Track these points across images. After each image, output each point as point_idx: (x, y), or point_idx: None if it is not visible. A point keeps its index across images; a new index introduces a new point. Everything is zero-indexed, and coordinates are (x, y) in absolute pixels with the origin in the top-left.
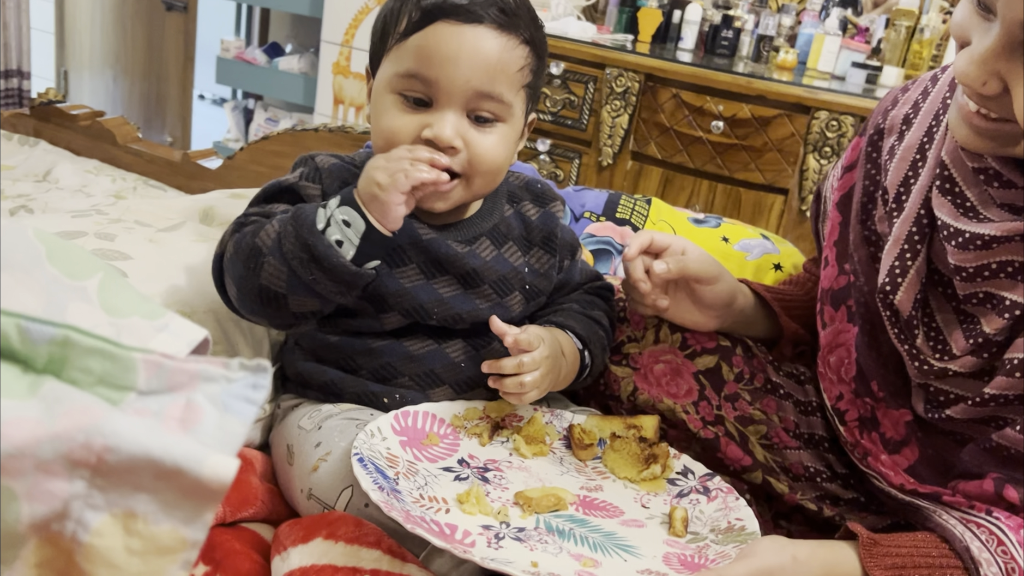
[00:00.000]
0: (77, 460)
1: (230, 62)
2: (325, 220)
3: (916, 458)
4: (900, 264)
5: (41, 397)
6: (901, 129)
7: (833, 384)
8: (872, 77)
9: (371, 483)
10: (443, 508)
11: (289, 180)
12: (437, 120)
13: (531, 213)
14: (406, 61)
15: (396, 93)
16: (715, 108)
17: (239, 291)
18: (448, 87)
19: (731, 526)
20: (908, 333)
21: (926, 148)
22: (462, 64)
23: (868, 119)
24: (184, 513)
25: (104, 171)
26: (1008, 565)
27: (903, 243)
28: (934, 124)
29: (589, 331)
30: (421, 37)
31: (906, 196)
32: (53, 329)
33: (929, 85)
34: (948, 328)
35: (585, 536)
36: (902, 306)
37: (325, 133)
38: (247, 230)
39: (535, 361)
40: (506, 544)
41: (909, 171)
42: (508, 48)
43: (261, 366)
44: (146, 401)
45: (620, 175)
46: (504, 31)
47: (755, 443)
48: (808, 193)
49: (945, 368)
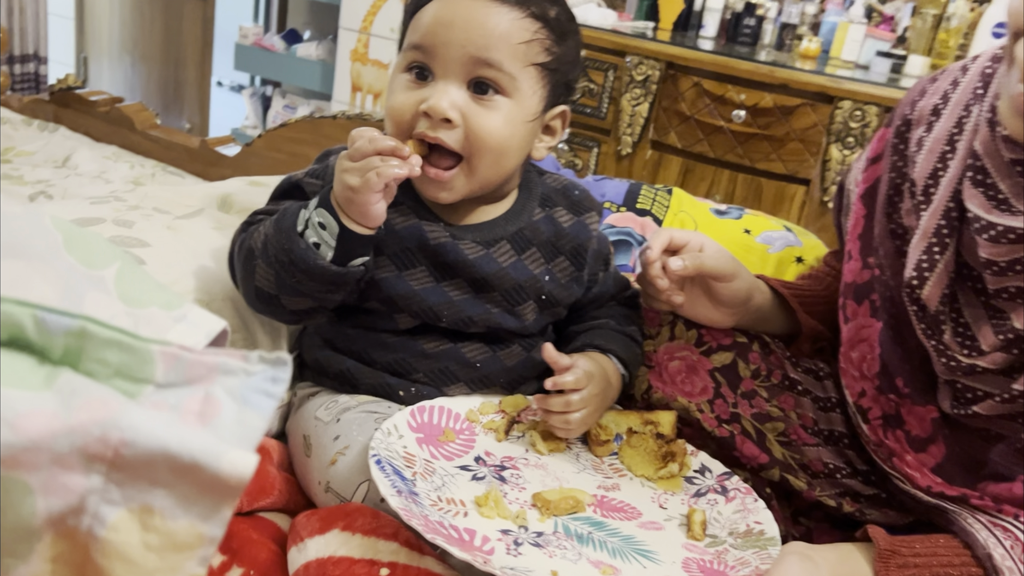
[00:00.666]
0: (93, 454)
1: (248, 49)
2: (304, 222)
3: (943, 456)
4: (928, 258)
5: (57, 389)
6: (930, 120)
7: (855, 380)
8: (897, 66)
9: (390, 487)
10: (461, 511)
11: (297, 176)
12: (434, 91)
13: (564, 220)
14: (410, 36)
15: (404, 71)
16: (737, 97)
17: (242, 291)
18: (444, 54)
19: (750, 530)
20: (935, 328)
21: (956, 140)
22: (457, 29)
23: (894, 110)
24: (202, 509)
25: (123, 157)
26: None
27: (931, 236)
28: (964, 115)
29: (629, 352)
30: (423, 11)
31: (934, 188)
32: (69, 320)
33: (959, 75)
34: (977, 323)
35: (604, 541)
36: (929, 301)
37: (343, 121)
38: (250, 230)
39: (583, 400)
40: (525, 550)
41: (938, 163)
42: (509, 18)
43: (281, 359)
44: (164, 394)
45: (639, 164)
46: (506, 2)
47: (772, 440)
48: (831, 184)
49: (973, 364)
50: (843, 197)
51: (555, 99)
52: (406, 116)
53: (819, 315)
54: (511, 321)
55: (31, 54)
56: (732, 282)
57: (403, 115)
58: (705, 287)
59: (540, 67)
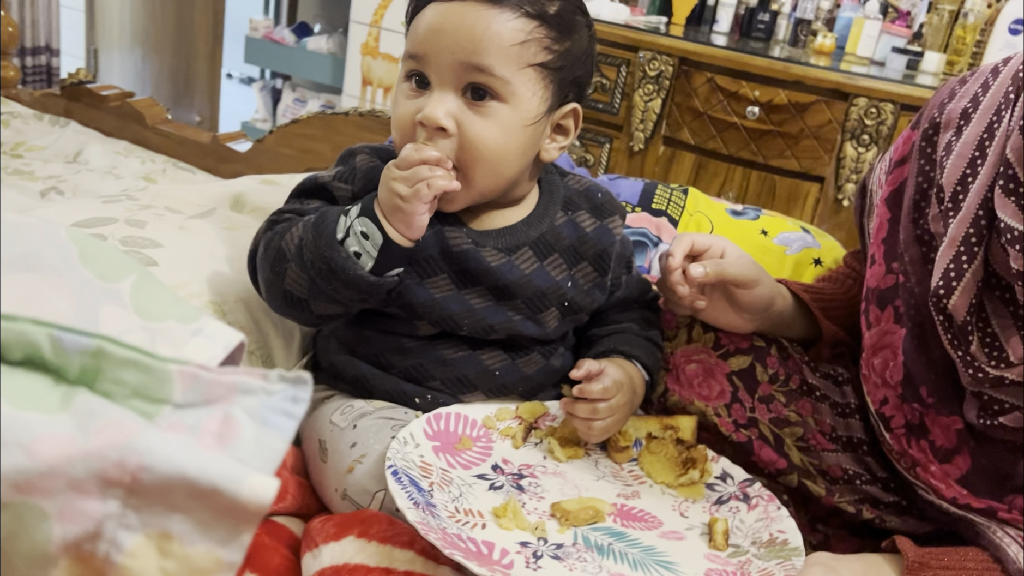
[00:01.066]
0: (111, 479)
1: (259, 42)
2: (344, 230)
3: (969, 467)
4: (956, 266)
5: (73, 411)
6: (959, 124)
7: (877, 387)
8: (913, 63)
9: (407, 500)
10: (479, 523)
11: (324, 177)
12: (429, 101)
13: (587, 224)
14: (408, 44)
15: (404, 80)
16: (751, 93)
17: (266, 292)
18: (437, 61)
19: (773, 539)
20: (962, 339)
21: (986, 145)
22: (447, 35)
23: (921, 111)
24: (221, 534)
25: (134, 152)
26: None
27: (959, 244)
28: (995, 120)
29: (652, 359)
30: (418, 19)
31: (963, 195)
32: (86, 339)
33: (990, 78)
34: (1005, 334)
35: (624, 552)
36: (956, 311)
37: (355, 117)
38: (278, 229)
39: (610, 408)
40: (544, 563)
41: (967, 168)
42: (499, 20)
43: (300, 378)
44: (182, 415)
45: (652, 160)
46: (495, 4)
47: (791, 445)
48: (845, 182)
49: (1001, 376)
50: (866, 198)
51: (563, 98)
52: (407, 126)
53: (839, 319)
54: (533, 328)
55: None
56: (754, 289)
57: (404, 125)
58: (727, 292)
59: (540, 67)
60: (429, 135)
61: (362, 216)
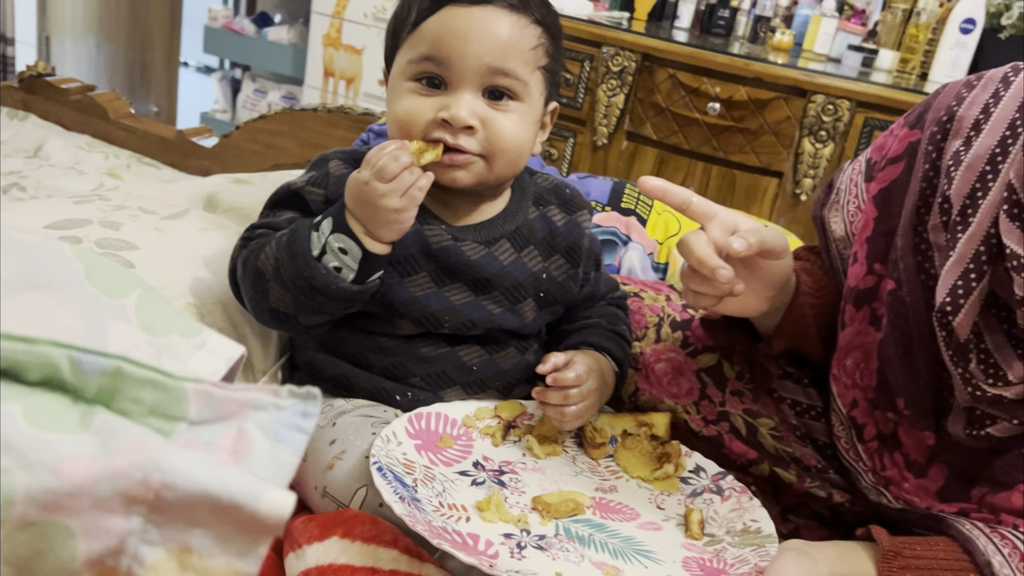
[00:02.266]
0: (135, 497)
1: (218, 31)
2: (319, 247)
3: (945, 478)
4: (964, 284)
5: (94, 431)
6: (968, 134)
7: (848, 388)
8: (868, 60)
9: (392, 494)
10: (463, 516)
11: (296, 184)
12: (453, 101)
13: (557, 218)
14: (419, 47)
15: (411, 79)
16: (712, 90)
17: (253, 310)
18: (461, 66)
19: (747, 528)
20: (962, 356)
21: (998, 161)
22: (473, 41)
23: (923, 113)
24: (238, 547)
25: (96, 147)
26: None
27: (968, 262)
28: (1009, 135)
29: (622, 351)
30: (431, 21)
31: (972, 211)
32: (105, 360)
33: (1001, 88)
34: (1001, 353)
35: (605, 542)
36: (961, 328)
37: (324, 113)
38: (252, 247)
39: (582, 394)
40: (528, 553)
41: (976, 183)
42: (519, 26)
43: (310, 393)
44: (197, 431)
45: (615, 155)
46: (514, 10)
47: (765, 434)
48: (803, 177)
49: (1000, 395)
50: (831, 194)
51: (550, 97)
52: (421, 123)
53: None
54: (512, 320)
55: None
56: (783, 258)
57: (418, 122)
58: (747, 270)
59: (543, 69)
60: (454, 132)
61: (336, 232)
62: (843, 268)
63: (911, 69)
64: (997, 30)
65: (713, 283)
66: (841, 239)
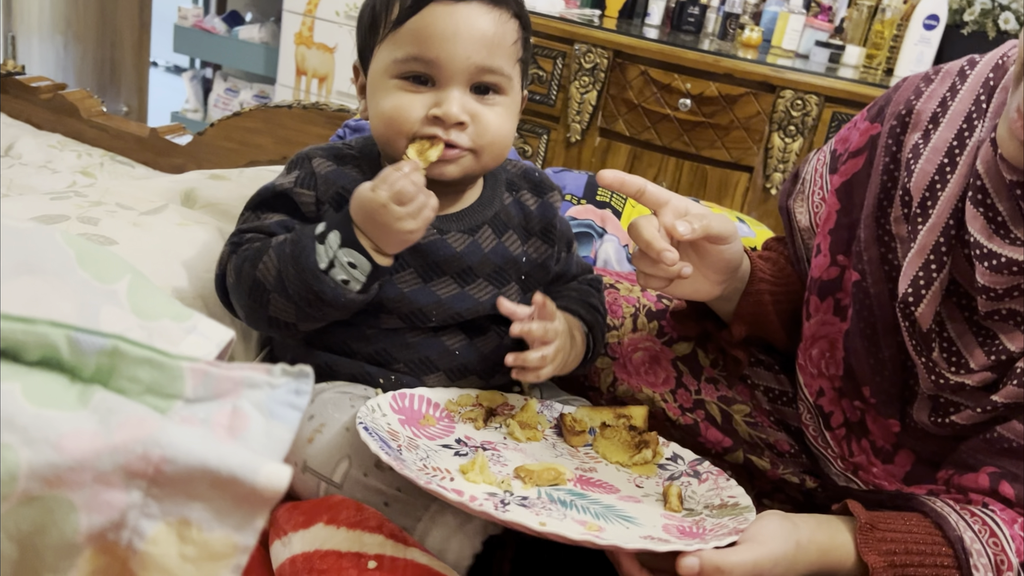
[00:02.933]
0: (135, 471)
1: (188, 30)
2: (327, 260)
3: (912, 463)
4: (925, 275)
5: (93, 408)
6: (927, 127)
7: (813, 378)
8: (835, 56)
9: (378, 446)
10: (448, 477)
11: (283, 185)
12: (444, 98)
13: (530, 202)
14: (404, 46)
15: (397, 77)
16: (683, 86)
17: (248, 319)
18: (449, 64)
19: (724, 503)
20: (925, 345)
21: (956, 153)
22: (461, 40)
23: (883, 107)
24: (236, 520)
25: (68, 146)
26: (998, 557)
27: (929, 253)
28: (966, 128)
29: (592, 317)
30: (416, 20)
31: (932, 203)
32: (102, 340)
33: (957, 81)
34: (962, 340)
35: (586, 507)
36: (923, 319)
37: (299, 110)
38: (245, 254)
39: (555, 331)
40: (512, 510)
41: (935, 175)
42: (501, 22)
43: (303, 372)
44: (193, 409)
45: (588, 151)
46: (496, 6)
47: (739, 421)
48: (773, 171)
49: (962, 383)
50: (796, 184)
51: (524, 85)
52: (412, 119)
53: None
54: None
55: None
56: (731, 244)
57: (408, 118)
58: (697, 254)
59: (520, 61)
60: (446, 129)
61: (346, 247)
62: (808, 258)
63: (877, 65)
64: (960, 26)
65: (660, 265)
66: (806, 229)
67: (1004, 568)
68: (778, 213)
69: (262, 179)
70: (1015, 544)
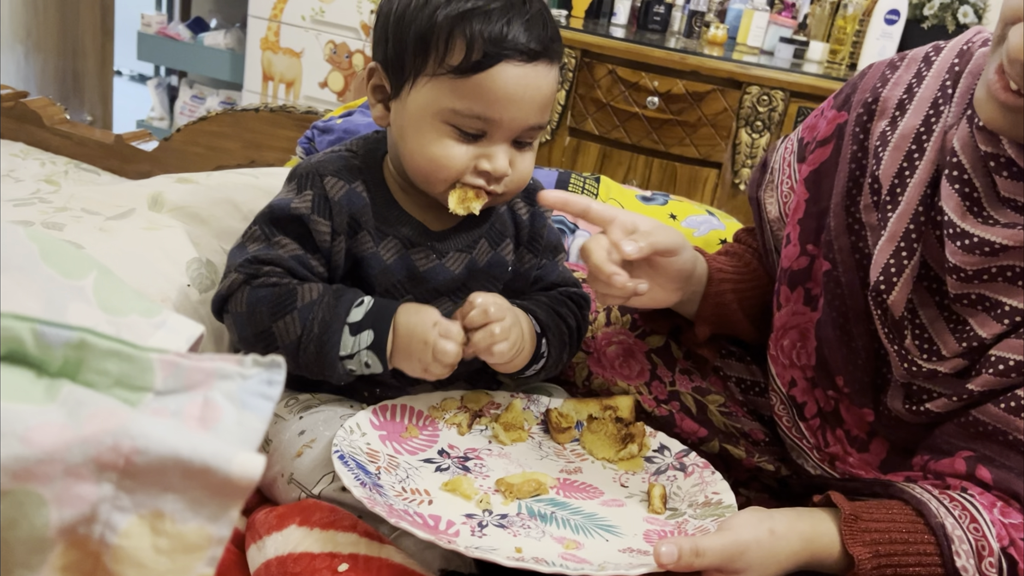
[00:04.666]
0: (105, 463)
1: (152, 38)
2: (350, 351)
3: (887, 451)
4: (896, 262)
5: (61, 402)
6: (894, 115)
7: (785, 368)
8: (800, 52)
9: (353, 479)
10: (425, 500)
11: (299, 209)
12: (493, 153)
13: (522, 212)
14: (467, 100)
15: (451, 125)
16: (650, 84)
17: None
18: (509, 125)
19: (708, 500)
20: (897, 333)
21: (923, 139)
22: (525, 104)
23: (850, 95)
24: (210, 511)
25: (32, 154)
26: (979, 543)
27: (899, 240)
28: (932, 114)
29: (551, 322)
30: (486, 78)
31: (901, 189)
32: (68, 332)
33: (923, 68)
34: (934, 327)
35: (567, 519)
36: (895, 306)
37: (266, 113)
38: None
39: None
40: (489, 531)
41: (904, 162)
42: (554, 77)
43: (275, 362)
44: (164, 401)
45: (559, 151)
46: (554, 61)
47: (714, 411)
48: (741, 167)
49: (934, 370)
50: (765, 174)
51: None
52: (458, 168)
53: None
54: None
55: None
56: (680, 254)
57: (455, 167)
58: (650, 267)
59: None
60: (489, 181)
61: (371, 350)
62: (777, 249)
63: (840, 59)
64: (920, 20)
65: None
66: (776, 220)
67: (985, 553)
68: (747, 208)
69: (230, 182)
70: (995, 529)
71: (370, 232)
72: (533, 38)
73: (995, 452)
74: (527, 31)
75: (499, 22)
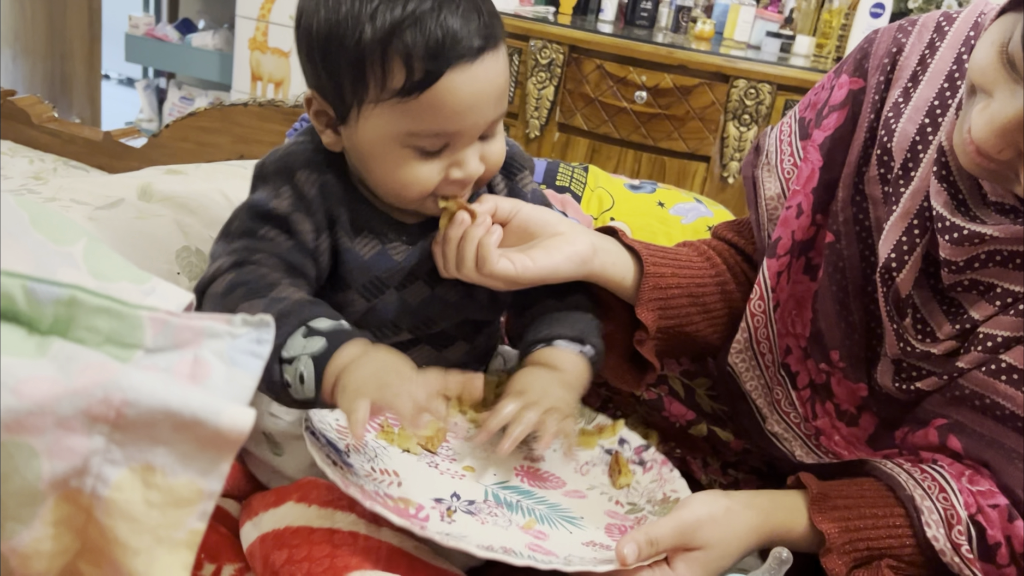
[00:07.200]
0: (96, 415)
1: (140, 39)
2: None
3: (875, 426)
4: (908, 240)
5: (52, 357)
6: (906, 85)
7: (780, 336)
8: (786, 46)
9: (324, 458)
10: (395, 481)
11: (279, 208)
12: (463, 159)
13: (500, 186)
14: (424, 121)
15: (411, 147)
16: (638, 78)
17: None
18: (471, 131)
19: (666, 497)
20: (900, 312)
21: (938, 114)
22: (482, 106)
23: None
24: (201, 464)
25: (20, 152)
26: (948, 512)
27: (912, 218)
28: (948, 87)
29: (577, 327)
30: (435, 94)
31: (914, 165)
32: (59, 289)
33: (935, 37)
34: (927, 309)
35: (532, 508)
36: (903, 285)
37: (255, 108)
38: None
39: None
40: (458, 518)
41: (917, 136)
42: (504, 62)
43: (264, 321)
44: (153, 358)
45: (548, 146)
46: (497, 47)
47: (702, 395)
48: (729, 160)
49: (928, 351)
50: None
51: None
52: (430, 186)
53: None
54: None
55: None
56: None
57: (427, 186)
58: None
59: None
60: (463, 185)
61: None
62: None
63: (827, 53)
64: (905, 13)
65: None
66: (774, 197)
67: (954, 522)
68: (736, 201)
69: (220, 173)
70: (963, 497)
71: (344, 228)
72: (473, 32)
73: (968, 418)
74: (464, 25)
75: (433, 25)
